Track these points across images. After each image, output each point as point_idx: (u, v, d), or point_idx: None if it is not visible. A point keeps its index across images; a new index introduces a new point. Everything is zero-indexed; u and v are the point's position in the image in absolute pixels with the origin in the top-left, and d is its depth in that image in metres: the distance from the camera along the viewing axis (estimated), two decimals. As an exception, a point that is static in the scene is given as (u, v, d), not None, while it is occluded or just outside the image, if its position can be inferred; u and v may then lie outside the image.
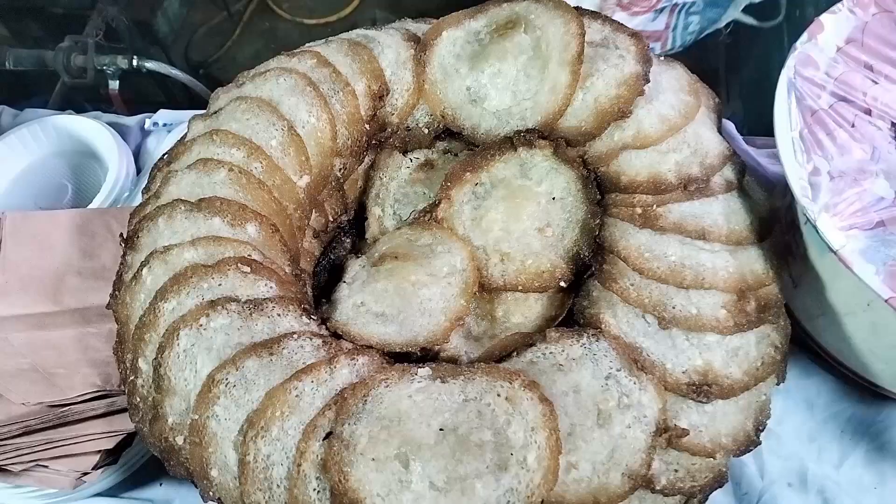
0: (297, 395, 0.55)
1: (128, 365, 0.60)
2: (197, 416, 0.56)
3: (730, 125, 0.88)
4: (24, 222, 0.76)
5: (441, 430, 0.53)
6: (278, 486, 0.54)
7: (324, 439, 0.54)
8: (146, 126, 0.99)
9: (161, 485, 0.75)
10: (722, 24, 1.20)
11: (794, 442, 0.72)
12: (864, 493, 0.69)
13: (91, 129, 0.94)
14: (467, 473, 0.51)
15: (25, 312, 0.70)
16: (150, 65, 1.56)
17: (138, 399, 0.59)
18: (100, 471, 0.66)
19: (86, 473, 0.65)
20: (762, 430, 0.58)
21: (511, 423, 0.53)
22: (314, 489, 0.53)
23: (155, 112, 1.02)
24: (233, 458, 0.55)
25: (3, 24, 1.80)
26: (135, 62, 1.55)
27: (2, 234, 0.75)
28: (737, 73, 1.40)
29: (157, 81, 1.59)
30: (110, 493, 0.74)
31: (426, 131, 0.74)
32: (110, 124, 0.96)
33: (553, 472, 0.51)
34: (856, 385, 0.73)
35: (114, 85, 1.53)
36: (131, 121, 1.00)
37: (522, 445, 0.52)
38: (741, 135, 0.89)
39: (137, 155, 0.96)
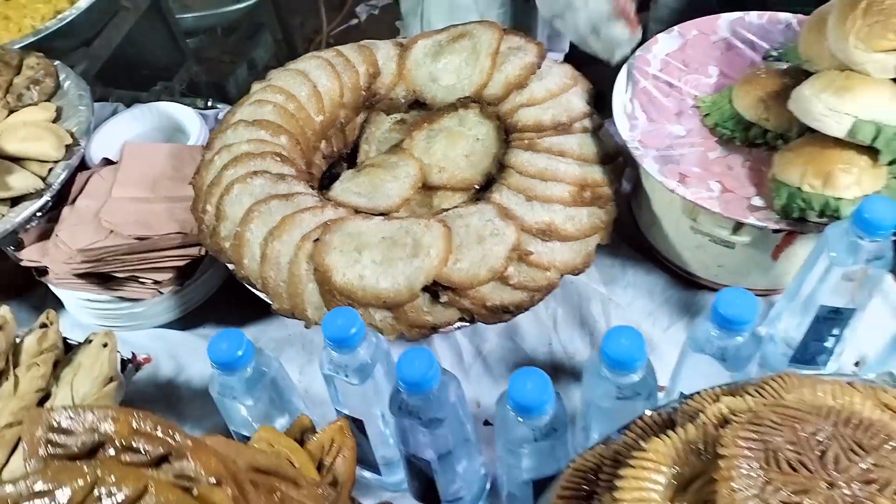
0: (300, 220, 0.92)
1: (199, 210, 0.98)
2: (239, 230, 0.92)
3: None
4: (136, 148, 1.16)
5: (382, 238, 0.88)
6: (283, 267, 0.89)
7: (313, 242, 0.90)
8: (219, 116, 1.41)
9: (203, 326, 1.10)
10: None
11: (637, 315, 1.04)
12: (679, 345, 1.00)
13: (182, 112, 1.34)
14: (394, 257, 0.86)
15: (134, 196, 1.08)
16: (221, 106, 2.03)
17: (205, 226, 0.96)
18: (170, 289, 1.02)
19: (163, 289, 1.01)
20: (587, 267, 0.92)
21: (424, 235, 0.88)
22: (304, 268, 0.89)
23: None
24: (258, 253, 0.91)
25: (100, 83, 2.27)
26: (209, 103, 2.01)
27: (123, 154, 1.15)
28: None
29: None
30: (171, 326, 1.09)
31: (403, 101, 1.13)
32: (194, 112, 1.38)
33: (444, 261, 0.86)
34: (681, 278, 1.05)
35: (192, 120, 1.98)
36: (210, 112, 1.43)
37: (429, 245, 0.87)
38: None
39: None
